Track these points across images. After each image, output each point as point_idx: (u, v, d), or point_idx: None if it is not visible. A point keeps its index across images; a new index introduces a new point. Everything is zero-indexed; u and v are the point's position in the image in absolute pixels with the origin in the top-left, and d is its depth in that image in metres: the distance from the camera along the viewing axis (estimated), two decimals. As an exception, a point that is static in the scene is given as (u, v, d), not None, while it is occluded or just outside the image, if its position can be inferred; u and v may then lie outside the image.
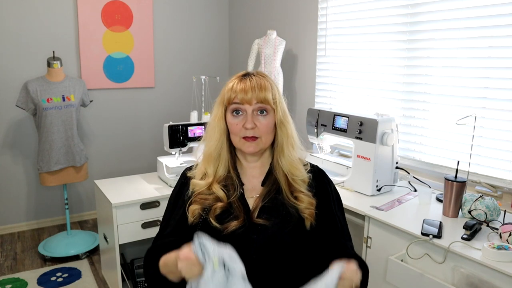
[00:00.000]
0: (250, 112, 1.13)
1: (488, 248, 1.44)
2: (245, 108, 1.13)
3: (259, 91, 1.12)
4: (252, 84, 1.13)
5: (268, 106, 1.14)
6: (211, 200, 1.14)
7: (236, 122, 1.14)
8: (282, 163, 1.17)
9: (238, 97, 1.12)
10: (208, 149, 1.18)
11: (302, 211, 1.13)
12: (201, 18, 4.01)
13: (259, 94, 1.12)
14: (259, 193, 1.17)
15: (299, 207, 1.12)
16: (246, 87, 1.12)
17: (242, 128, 1.13)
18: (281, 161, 1.17)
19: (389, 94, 2.52)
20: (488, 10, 1.99)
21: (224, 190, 1.15)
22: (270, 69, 3.05)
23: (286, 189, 1.15)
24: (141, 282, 2.52)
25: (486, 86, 2.02)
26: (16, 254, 3.12)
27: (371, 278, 1.89)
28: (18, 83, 3.17)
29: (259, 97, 1.12)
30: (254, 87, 1.12)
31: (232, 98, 1.13)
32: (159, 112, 3.92)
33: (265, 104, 1.13)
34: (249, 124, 1.12)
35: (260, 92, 1.12)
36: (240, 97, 1.12)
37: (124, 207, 2.21)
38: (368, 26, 2.61)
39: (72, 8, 3.40)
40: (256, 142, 1.14)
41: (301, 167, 1.18)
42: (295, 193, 1.15)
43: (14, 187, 3.43)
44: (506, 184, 1.96)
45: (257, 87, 1.13)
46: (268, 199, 1.14)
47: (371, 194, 2.11)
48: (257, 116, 1.14)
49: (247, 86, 1.13)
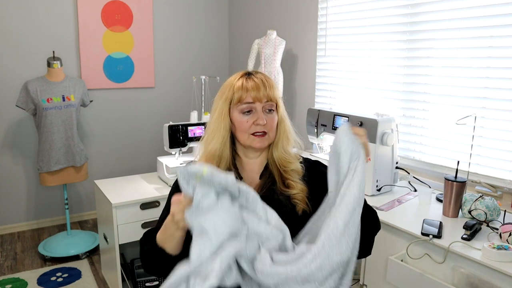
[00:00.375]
0: (260, 109, 1.17)
1: (488, 248, 1.44)
2: (255, 106, 1.17)
3: (269, 88, 1.17)
4: (261, 82, 1.17)
5: (275, 104, 1.19)
6: None
7: (246, 119, 1.17)
8: (275, 156, 1.21)
9: (250, 95, 1.16)
10: (212, 147, 1.20)
11: (293, 197, 1.16)
12: (201, 18, 4.01)
13: (268, 92, 1.17)
14: (256, 186, 1.21)
15: (290, 193, 1.16)
16: (256, 85, 1.16)
17: (253, 124, 1.16)
18: (274, 154, 1.21)
19: (389, 94, 2.52)
20: (488, 10, 1.99)
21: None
22: (270, 69, 3.05)
23: (279, 180, 1.19)
24: (141, 282, 2.52)
25: (486, 86, 2.02)
26: (16, 254, 3.12)
27: (371, 278, 1.89)
28: (18, 83, 3.17)
29: (269, 95, 1.17)
30: (265, 85, 1.17)
31: (243, 97, 1.16)
32: (159, 112, 3.92)
33: (273, 102, 1.18)
34: (262, 121, 1.16)
35: (270, 90, 1.17)
36: (253, 96, 1.15)
37: (124, 207, 2.21)
38: (368, 26, 2.61)
39: (72, 8, 3.40)
40: (265, 138, 1.18)
41: (293, 159, 1.22)
42: (287, 181, 1.19)
43: (14, 187, 3.43)
44: (506, 184, 1.96)
45: (267, 85, 1.17)
46: (264, 190, 1.18)
47: (371, 194, 2.11)
48: (265, 113, 1.18)
49: (257, 84, 1.17)
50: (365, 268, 1.92)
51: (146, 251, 1.14)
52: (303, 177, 1.20)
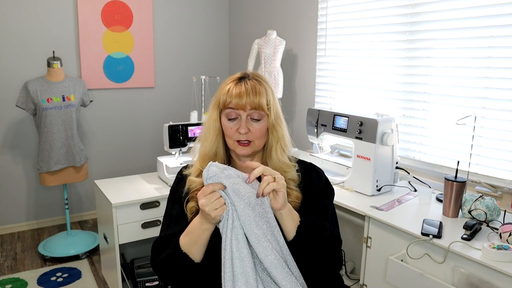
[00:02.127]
0: (244, 117, 1.14)
1: (488, 248, 1.44)
2: (239, 113, 1.15)
3: (253, 96, 1.13)
4: (247, 89, 1.14)
5: (262, 112, 1.15)
6: None
7: (230, 125, 1.16)
8: (269, 164, 1.19)
9: (233, 102, 1.14)
10: (204, 149, 1.20)
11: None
12: (201, 18, 4.01)
13: (253, 100, 1.13)
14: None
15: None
16: (241, 92, 1.13)
17: (236, 132, 1.15)
18: (268, 163, 1.20)
19: (389, 94, 2.52)
20: (488, 10, 1.99)
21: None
22: (270, 69, 3.05)
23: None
24: (141, 282, 2.52)
25: (486, 86, 2.02)
26: (16, 254, 3.12)
27: (371, 278, 1.89)
28: (18, 83, 3.17)
29: (254, 103, 1.13)
30: (249, 93, 1.13)
31: (227, 102, 1.15)
32: (159, 112, 3.92)
33: (259, 110, 1.15)
34: (243, 129, 1.14)
35: (255, 97, 1.13)
36: (235, 103, 1.13)
37: (124, 207, 2.21)
38: (368, 26, 2.61)
39: (72, 8, 3.40)
40: (250, 146, 1.17)
41: (288, 168, 1.20)
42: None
43: (14, 187, 3.43)
44: (506, 184, 1.96)
45: (252, 93, 1.13)
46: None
47: (371, 194, 2.11)
48: (251, 121, 1.15)
49: (242, 92, 1.13)
50: (365, 268, 1.92)
51: (166, 258, 1.11)
52: (299, 184, 1.19)
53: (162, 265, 1.13)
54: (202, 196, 1.01)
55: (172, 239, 1.12)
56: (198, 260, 1.08)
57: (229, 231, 1.01)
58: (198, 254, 1.08)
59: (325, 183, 1.27)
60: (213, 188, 1.01)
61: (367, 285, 1.92)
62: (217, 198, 1.01)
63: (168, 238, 1.15)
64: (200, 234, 1.05)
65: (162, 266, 1.12)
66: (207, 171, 1.02)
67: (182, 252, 1.08)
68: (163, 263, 1.12)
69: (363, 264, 1.92)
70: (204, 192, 1.01)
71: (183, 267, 1.09)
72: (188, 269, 1.08)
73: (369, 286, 1.92)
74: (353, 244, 2.50)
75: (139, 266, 2.57)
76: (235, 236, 1.01)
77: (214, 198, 1.00)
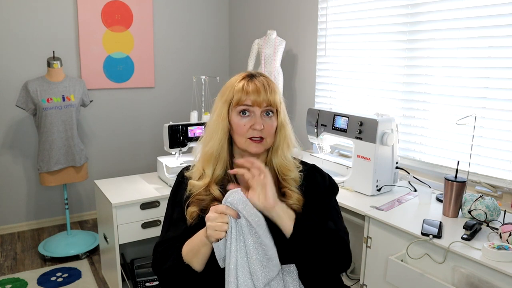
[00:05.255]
0: (258, 113, 1.14)
1: (488, 248, 1.44)
2: (253, 110, 1.14)
3: (269, 93, 1.14)
4: (263, 85, 1.14)
5: (275, 109, 1.16)
6: (208, 201, 1.15)
7: (243, 122, 1.14)
8: (274, 162, 1.19)
9: (250, 98, 1.13)
10: (210, 148, 1.18)
11: (289, 207, 1.13)
12: (201, 18, 4.01)
13: (269, 96, 1.14)
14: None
15: (285, 203, 1.13)
16: (258, 89, 1.13)
17: (250, 129, 1.14)
18: (274, 161, 1.19)
19: (389, 94, 2.52)
20: (488, 10, 1.99)
21: (221, 191, 1.16)
22: (270, 69, 3.05)
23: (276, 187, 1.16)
24: (141, 282, 2.52)
25: (486, 86, 2.02)
26: (16, 254, 3.12)
27: (371, 278, 1.89)
28: (18, 83, 3.17)
29: (269, 99, 1.14)
30: (266, 90, 1.14)
31: (242, 100, 1.14)
32: (159, 112, 3.92)
33: (272, 107, 1.15)
34: (259, 126, 1.13)
35: (271, 94, 1.14)
36: (252, 99, 1.13)
37: (124, 207, 2.21)
38: (368, 26, 2.61)
39: (72, 8, 3.40)
40: (262, 143, 1.16)
41: (292, 168, 1.19)
42: (283, 189, 1.17)
43: (14, 187, 3.43)
44: (506, 184, 1.96)
45: (268, 90, 1.14)
46: None
47: (371, 194, 2.11)
48: (264, 117, 1.15)
49: (259, 88, 1.13)
50: (365, 268, 1.92)
51: (169, 269, 1.12)
52: (300, 186, 1.18)
53: (165, 276, 1.14)
54: (213, 211, 1.02)
55: (174, 243, 1.13)
56: (200, 269, 1.09)
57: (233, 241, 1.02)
58: (200, 265, 1.09)
59: (329, 182, 1.27)
60: (226, 211, 1.02)
61: (367, 285, 1.92)
62: (223, 221, 1.01)
63: (169, 243, 1.15)
64: (200, 248, 1.07)
65: (166, 276, 1.14)
66: (231, 195, 1.03)
67: (185, 263, 1.09)
68: (167, 274, 1.13)
69: (363, 264, 1.92)
70: (217, 209, 1.02)
71: (186, 278, 1.10)
72: (191, 279, 1.09)
73: (369, 286, 1.92)
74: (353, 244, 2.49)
75: (139, 266, 2.57)
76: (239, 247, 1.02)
77: (220, 220, 1.01)
